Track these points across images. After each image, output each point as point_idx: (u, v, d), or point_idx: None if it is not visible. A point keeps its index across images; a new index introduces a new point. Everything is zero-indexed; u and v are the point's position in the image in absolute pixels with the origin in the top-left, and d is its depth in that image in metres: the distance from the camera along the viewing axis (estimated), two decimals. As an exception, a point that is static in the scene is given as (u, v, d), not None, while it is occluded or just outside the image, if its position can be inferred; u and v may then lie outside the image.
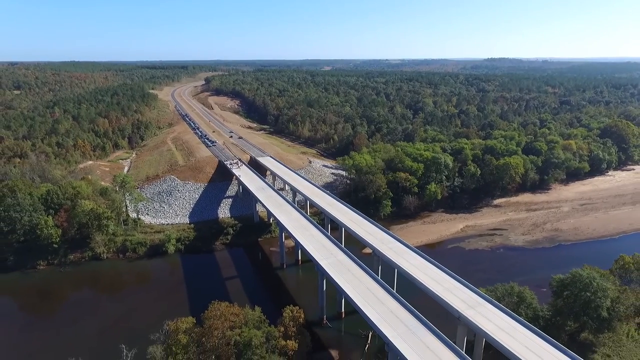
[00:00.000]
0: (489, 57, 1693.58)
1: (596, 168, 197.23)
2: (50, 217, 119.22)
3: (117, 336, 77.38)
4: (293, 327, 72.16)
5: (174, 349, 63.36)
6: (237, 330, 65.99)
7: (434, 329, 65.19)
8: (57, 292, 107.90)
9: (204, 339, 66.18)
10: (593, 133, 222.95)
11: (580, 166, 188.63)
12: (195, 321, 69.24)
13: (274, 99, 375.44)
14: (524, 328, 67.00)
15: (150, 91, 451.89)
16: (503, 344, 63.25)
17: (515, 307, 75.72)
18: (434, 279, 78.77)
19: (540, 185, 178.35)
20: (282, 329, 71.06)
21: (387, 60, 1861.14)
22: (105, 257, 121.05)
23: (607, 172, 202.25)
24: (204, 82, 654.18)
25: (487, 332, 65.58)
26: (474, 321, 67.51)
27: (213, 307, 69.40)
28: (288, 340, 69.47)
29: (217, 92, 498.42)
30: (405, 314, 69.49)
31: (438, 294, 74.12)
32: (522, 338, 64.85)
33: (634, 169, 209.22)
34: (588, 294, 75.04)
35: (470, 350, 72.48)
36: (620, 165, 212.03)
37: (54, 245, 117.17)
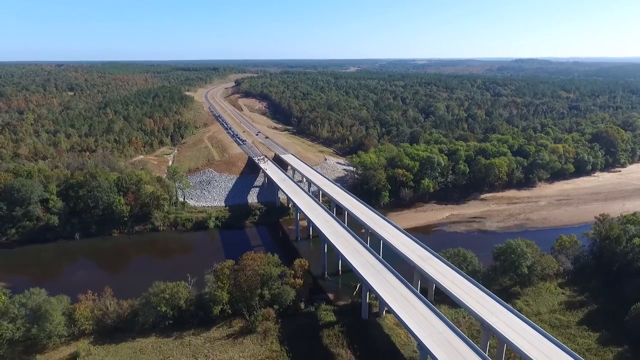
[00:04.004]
0: (518, 57, 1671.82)
1: (582, 169, 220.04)
2: (122, 197, 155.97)
3: (180, 274, 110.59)
4: (300, 271, 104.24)
5: (220, 277, 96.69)
6: (262, 267, 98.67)
7: (393, 270, 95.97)
8: (128, 252, 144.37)
9: (239, 274, 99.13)
10: (584, 138, 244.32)
11: (564, 167, 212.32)
12: (234, 263, 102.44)
13: (298, 102, 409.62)
14: (460, 275, 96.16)
15: (187, 93, 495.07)
16: (443, 284, 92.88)
17: (459, 264, 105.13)
18: (401, 242, 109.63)
19: (525, 183, 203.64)
20: (293, 271, 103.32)
21: (413, 60, 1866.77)
22: (161, 229, 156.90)
23: (594, 173, 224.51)
24: (233, 84, 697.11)
25: (432, 275, 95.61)
26: (424, 269, 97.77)
27: (246, 254, 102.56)
28: (296, 279, 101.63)
29: (247, 95, 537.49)
30: (376, 262, 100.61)
31: (402, 252, 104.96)
32: (457, 281, 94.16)
33: (619, 171, 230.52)
34: (513, 256, 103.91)
35: (425, 294, 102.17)
36: (608, 167, 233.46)
37: (124, 218, 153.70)
